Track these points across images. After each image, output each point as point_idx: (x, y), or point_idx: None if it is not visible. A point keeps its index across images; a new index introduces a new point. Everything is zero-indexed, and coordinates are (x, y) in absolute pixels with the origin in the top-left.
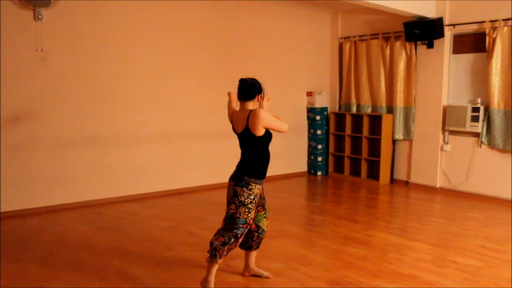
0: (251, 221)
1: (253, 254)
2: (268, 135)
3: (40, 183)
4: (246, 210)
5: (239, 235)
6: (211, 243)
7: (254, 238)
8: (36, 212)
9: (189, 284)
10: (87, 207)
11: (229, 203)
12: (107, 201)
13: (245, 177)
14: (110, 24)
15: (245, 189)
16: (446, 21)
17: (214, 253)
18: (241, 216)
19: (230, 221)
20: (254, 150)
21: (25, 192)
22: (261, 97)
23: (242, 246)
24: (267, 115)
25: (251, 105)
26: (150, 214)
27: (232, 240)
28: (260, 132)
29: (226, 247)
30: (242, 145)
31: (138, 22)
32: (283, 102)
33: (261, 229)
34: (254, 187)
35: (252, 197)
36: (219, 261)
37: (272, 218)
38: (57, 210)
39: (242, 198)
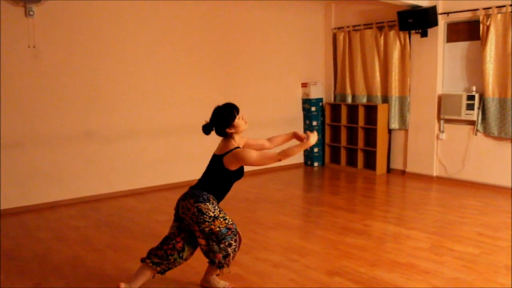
0: (233, 225)
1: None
2: (239, 172)
3: (36, 180)
4: (221, 219)
5: (232, 243)
6: (212, 261)
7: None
8: (33, 209)
9: (187, 278)
10: (84, 203)
11: (198, 223)
12: (105, 196)
13: (205, 192)
14: (103, 19)
15: (208, 204)
16: (440, 9)
17: (221, 266)
18: (220, 228)
19: (212, 236)
20: (218, 179)
21: (21, 190)
22: (234, 125)
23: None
24: (249, 157)
25: (230, 142)
26: (148, 208)
27: (229, 250)
28: (233, 168)
29: (230, 256)
30: (209, 167)
31: (132, 17)
32: (278, 93)
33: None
34: (215, 202)
35: (217, 207)
36: (229, 269)
37: (270, 209)
38: (54, 206)
39: (211, 213)
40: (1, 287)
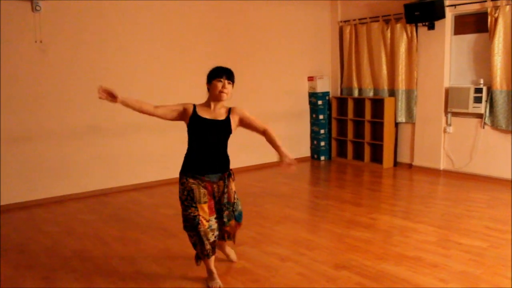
0: (193, 220)
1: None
2: (191, 126)
3: (44, 174)
4: (183, 206)
5: (192, 235)
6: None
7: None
8: (41, 203)
9: (194, 271)
10: (92, 197)
11: None
12: (112, 190)
13: (183, 163)
14: (110, 14)
15: (179, 183)
16: (447, 1)
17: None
18: (182, 213)
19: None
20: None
21: (29, 184)
22: (211, 84)
23: None
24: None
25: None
26: (155, 202)
27: (191, 240)
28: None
29: (198, 248)
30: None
31: (138, 12)
32: (285, 87)
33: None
34: (185, 181)
35: (185, 193)
36: (199, 262)
37: (277, 203)
38: (62, 200)
39: (179, 194)
40: (10, 280)
